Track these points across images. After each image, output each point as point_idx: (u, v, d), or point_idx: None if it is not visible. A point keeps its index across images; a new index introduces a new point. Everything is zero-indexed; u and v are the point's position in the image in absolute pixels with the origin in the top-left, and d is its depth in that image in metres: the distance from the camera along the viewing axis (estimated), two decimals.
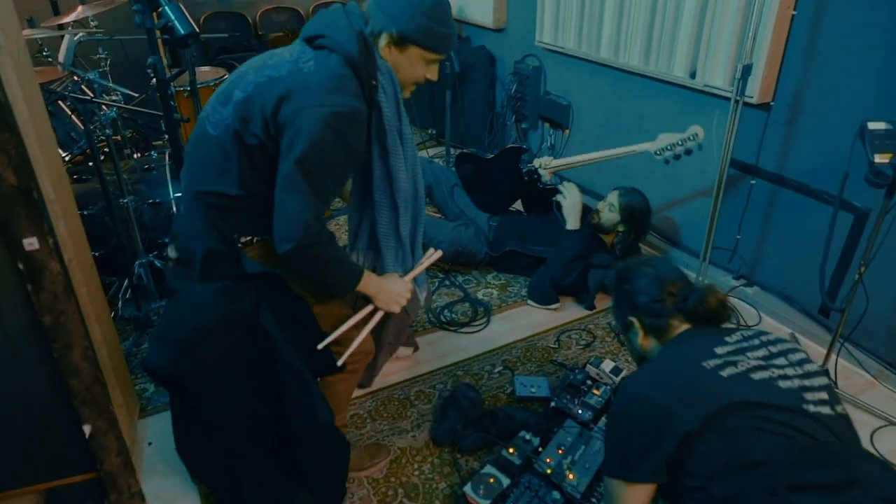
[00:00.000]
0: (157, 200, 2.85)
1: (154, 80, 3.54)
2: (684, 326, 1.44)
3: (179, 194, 2.85)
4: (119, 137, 3.05)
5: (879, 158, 1.86)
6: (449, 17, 1.55)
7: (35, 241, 1.50)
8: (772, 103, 2.67)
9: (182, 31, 1.71)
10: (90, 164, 3.16)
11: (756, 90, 2.62)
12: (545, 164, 3.14)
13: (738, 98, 2.45)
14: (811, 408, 1.22)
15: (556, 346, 2.61)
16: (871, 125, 1.90)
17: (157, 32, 1.70)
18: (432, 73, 1.61)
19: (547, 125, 4.20)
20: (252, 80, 1.48)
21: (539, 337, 2.68)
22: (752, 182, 2.83)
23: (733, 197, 2.90)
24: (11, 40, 1.52)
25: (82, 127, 2.63)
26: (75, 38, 2.80)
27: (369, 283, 1.66)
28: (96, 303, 1.92)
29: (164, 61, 1.87)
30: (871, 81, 2.31)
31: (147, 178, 2.94)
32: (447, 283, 3.06)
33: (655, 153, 2.85)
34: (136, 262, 2.70)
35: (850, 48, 2.36)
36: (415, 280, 1.85)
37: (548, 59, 4.05)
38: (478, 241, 3.12)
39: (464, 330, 2.72)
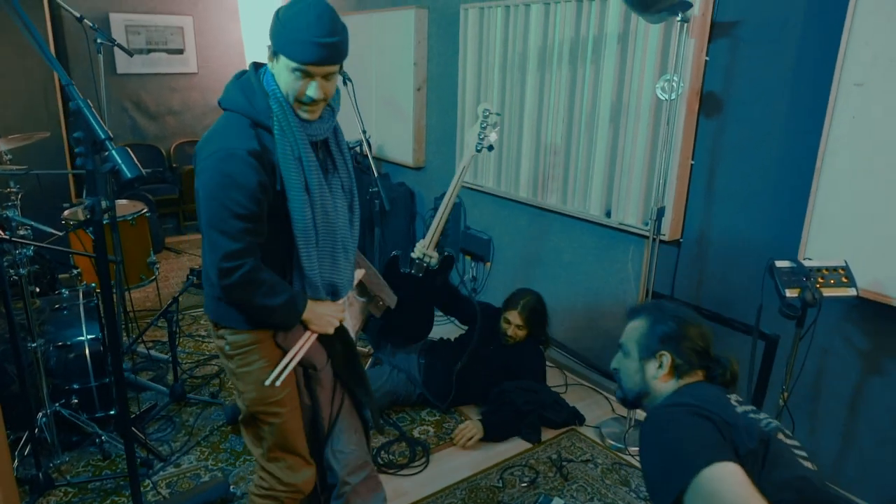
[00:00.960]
0: (67, 343, 2.63)
1: (68, 212, 3.41)
2: (701, 379, 1.53)
3: (92, 336, 2.68)
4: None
5: (790, 293, 2.06)
6: (306, 23, 1.46)
7: None
8: (681, 240, 2.93)
9: (129, 175, 1.66)
10: None
11: (667, 228, 2.87)
12: (422, 249, 3.08)
13: (654, 236, 2.68)
14: (802, 460, 1.32)
15: (501, 486, 2.54)
16: (779, 263, 2.12)
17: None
18: (307, 88, 1.53)
19: (468, 258, 4.35)
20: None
21: (482, 476, 2.60)
22: None
23: None
24: None
25: None
26: None
27: (307, 311, 1.71)
28: (1, 464, 1.69)
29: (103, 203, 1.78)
30: (764, 221, 2.61)
31: (56, 319, 2.72)
32: (381, 421, 2.95)
33: (477, 151, 2.99)
34: (40, 413, 2.42)
35: (743, 193, 2.67)
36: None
37: (467, 195, 4.27)
38: (410, 385, 3.08)
39: (403, 472, 2.60)
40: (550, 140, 3.46)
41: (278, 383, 1.68)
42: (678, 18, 2.43)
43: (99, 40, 2.90)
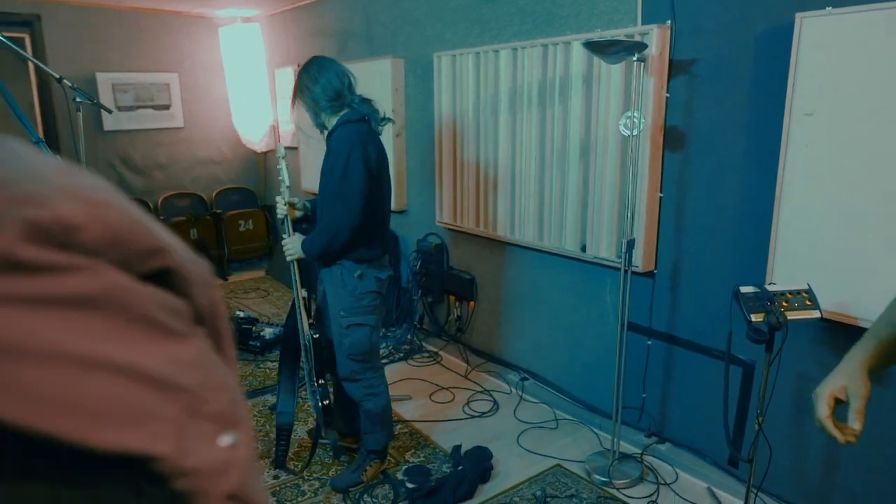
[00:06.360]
0: None
1: None
2: None
3: None
4: None
5: (755, 318, 2.09)
6: None
7: None
8: (655, 271, 2.98)
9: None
10: None
11: (640, 260, 2.92)
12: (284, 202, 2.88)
13: (626, 268, 2.73)
14: None
15: None
16: (743, 289, 2.16)
17: None
18: None
19: (452, 298, 4.38)
20: None
21: None
22: (649, 342, 3.04)
23: (634, 357, 3.09)
24: None
25: None
26: None
27: None
28: None
29: None
30: (732, 249, 2.67)
31: None
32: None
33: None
34: None
35: (711, 223, 2.74)
36: None
37: (449, 236, 4.33)
38: None
39: None
40: (524, 178, 3.54)
41: None
42: (635, 59, 2.53)
43: (78, 99, 2.98)
